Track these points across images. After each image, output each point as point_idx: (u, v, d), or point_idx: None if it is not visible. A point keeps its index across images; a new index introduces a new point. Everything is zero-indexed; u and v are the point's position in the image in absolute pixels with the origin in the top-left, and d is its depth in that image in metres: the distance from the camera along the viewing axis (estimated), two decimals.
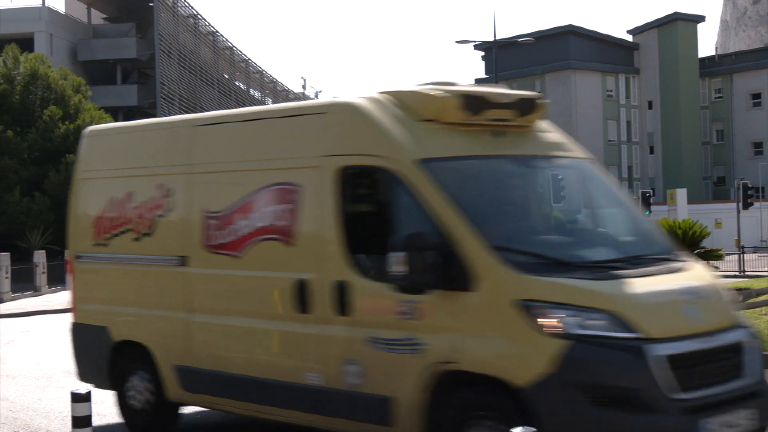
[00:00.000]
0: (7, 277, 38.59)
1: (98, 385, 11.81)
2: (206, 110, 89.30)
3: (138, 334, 11.35)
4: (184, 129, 11.36)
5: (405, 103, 9.34)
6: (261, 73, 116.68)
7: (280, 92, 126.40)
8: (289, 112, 10.55)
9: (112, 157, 12.19)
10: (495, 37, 47.05)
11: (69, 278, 12.48)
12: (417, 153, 8.88)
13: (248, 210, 10.15)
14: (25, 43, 66.39)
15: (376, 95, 9.51)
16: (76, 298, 12.40)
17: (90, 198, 12.33)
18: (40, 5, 74.97)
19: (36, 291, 42.15)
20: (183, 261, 10.80)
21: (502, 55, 47.73)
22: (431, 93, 9.22)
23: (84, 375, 12.25)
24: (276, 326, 9.83)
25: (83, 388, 8.63)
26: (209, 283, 10.63)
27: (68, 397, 8.90)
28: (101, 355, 11.72)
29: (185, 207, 10.92)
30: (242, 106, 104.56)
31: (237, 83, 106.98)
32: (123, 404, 11.61)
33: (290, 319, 9.62)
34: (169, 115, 75.53)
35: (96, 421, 10.41)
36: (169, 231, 11.07)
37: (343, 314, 9.10)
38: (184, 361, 10.78)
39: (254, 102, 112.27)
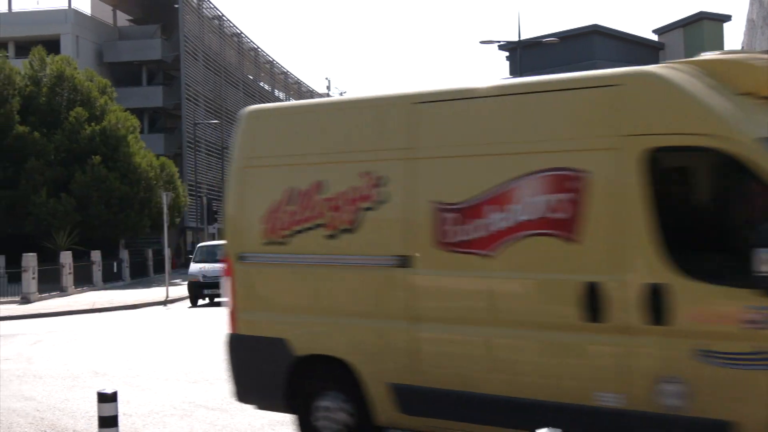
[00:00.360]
0: (33, 278, 38.78)
1: (267, 407, 10.34)
2: (231, 112, 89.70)
3: (334, 348, 9.47)
4: (399, 107, 9.46)
5: (718, 73, 7.97)
6: (285, 74, 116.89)
7: (304, 93, 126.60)
8: (566, 85, 8.56)
9: (290, 140, 10.19)
10: (519, 37, 46.94)
11: (225, 282, 10.38)
12: (756, 131, 7.51)
13: (504, 201, 8.47)
14: (52, 45, 66.79)
15: (674, 65, 8.21)
16: (237, 306, 10.23)
17: (258, 189, 10.24)
18: (66, 7, 75.36)
19: (62, 291, 42.35)
20: (404, 261, 9.02)
21: (526, 55, 47.56)
22: (754, 62, 8.00)
23: (247, 395, 10.33)
24: (549, 337, 8.24)
25: (109, 388, 8.64)
26: (444, 288, 8.95)
27: (95, 397, 8.90)
28: (276, 371, 9.84)
29: (406, 198, 9.10)
30: None
31: (262, 84, 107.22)
32: (308, 429, 9.86)
33: (572, 329, 8.06)
34: (194, 117, 75.86)
35: (122, 421, 10.44)
36: (381, 226, 9.26)
37: (657, 323, 7.62)
38: (404, 379, 9.05)
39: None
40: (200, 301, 35.94)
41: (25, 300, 37.92)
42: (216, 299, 35.72)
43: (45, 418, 12.63)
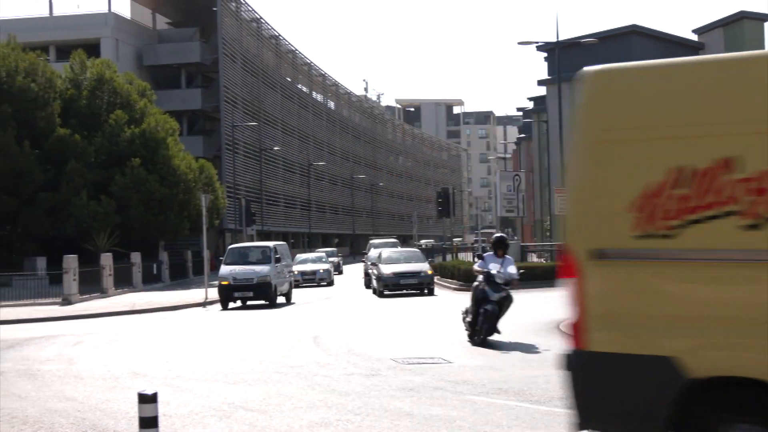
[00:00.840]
0: (74, 280, 39.10)
1: None
2: (269, 114, 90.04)
3: (755, 368, 7.37)
4: None
5: None
6: (323, 76, 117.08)
7: (342, 95, 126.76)
8: None
9: (669, 107, 8.02)
10: (558, 38, 46.79)
11: (569, 286, 8.21)
12: None
13: None
14: (92, 49, 67.39)
15: None
16: (590, 315, 8.12)
17: (624, 169, 8.10)
18: (107, 11, 76.01)
19: (103, 293, 42.67)
20: None
21: (565, 56, 47.32)
22: None
23: (602, 423, 8.24)
24: None
25: (149, 389, 8.67)
26: None
27: (135, 398, 8.94)
28: (656, 397, 7.84)
29: None
30: (305, 110, 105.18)
31: (299, 86, 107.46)
32: None
33: None
34: (232, 119, 76.18)
35: (162, 422, 10.47)
36: None
37: None
38: None
39: (316, 105, 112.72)
40: (231, 304, 35.89)
41: (66, 301, 38.24)
42: (248, 302, 35.85)
43: (86, 419, 12.71)
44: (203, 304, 37.49)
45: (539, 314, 24.85)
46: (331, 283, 52.96)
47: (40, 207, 53.27)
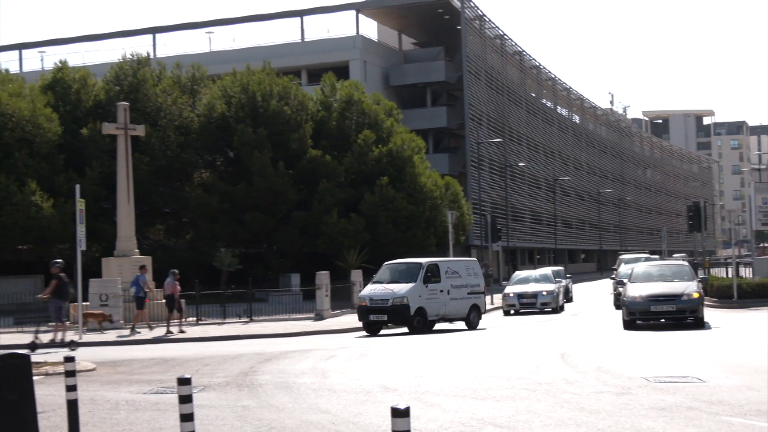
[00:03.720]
0: (326, 295, 40.26)
1: None
2: (514, 130, 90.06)
3: None
4: None
5: None
6: (568, 90, 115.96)
7: (587, 109, 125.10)
8: None
9: None
10: None
11: None
12: None
13: None
14: (341, 71, 69.55)
15: None
16: None
17: None
18: (355, 34, 78.18)
19: (353, 309, 43.65)
20: None
21: None
22: None
23: None
24: None
25: (401, 403, 8.81)
26: None
27: (387, 412, 9.10)
28: None
29: None
30: (550, 125, 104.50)
31: (544, 101, 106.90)
32: None
33: None
34: (477, 136, 76.59)
35: None
36: None
37: None
38: None
39: (561, 120, 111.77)
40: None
41: (319, 316, 39.45)
42: (385, 326, 33.23)
43: (339, 431, 13.04)
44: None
45: None
46: (556, 310, 43.35)
47: (293, 225, 55.29)
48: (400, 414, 7.99)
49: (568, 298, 50.46)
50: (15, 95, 51.25)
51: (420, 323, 31.81)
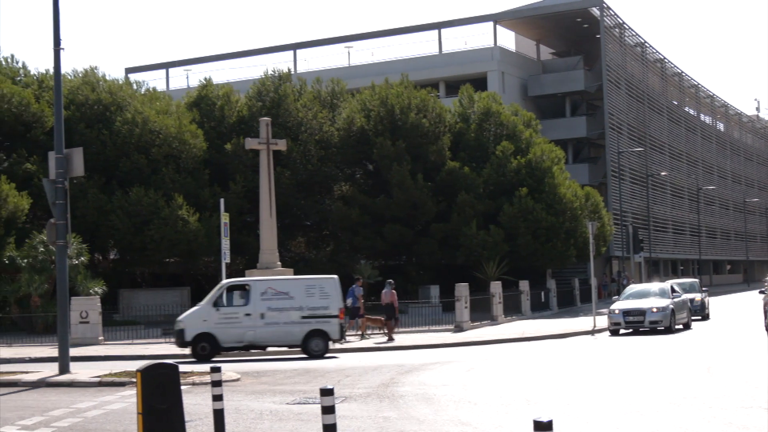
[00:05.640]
0: (466, 307, 40.24)
1: None
2: (655, 139, 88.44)
3: None
4: None
5: None
6: (711, 97, 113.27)
7: (732, 116, 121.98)
8: None
9: None
10: None
11: None
12: None
13: None
14: (479, 83, 69.51)
15: None
16: None
17: None
18: (492, 45, 78.05)
19: (493, 320, 43.60)
20: None
21: None
22: None
23: None
24: None
25: (543, 416, 8.77)
26: None
27: (528, 425, 9.07)
28: None
29: None
30: (693, 133, 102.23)
31: (687, 109, 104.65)
32: None
33: None
34: (617, 146, 75.47)
35: None
36: None
37: None
38: None
39: (705, 128, 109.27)
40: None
41: (458, 328, 39.44)
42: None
43: None
44: (592, 333, 37.31)
45: None
46: (669, 329, 36.08)
47: (432, 237, 55.45)
48: (543, 427, 7.95)
49: (704, 315, 44.78)
50: (162, 113, 52.88)
51: (205, 350, 29.18)
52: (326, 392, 11.05)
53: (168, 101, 56.20)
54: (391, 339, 35.04)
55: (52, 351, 29.00)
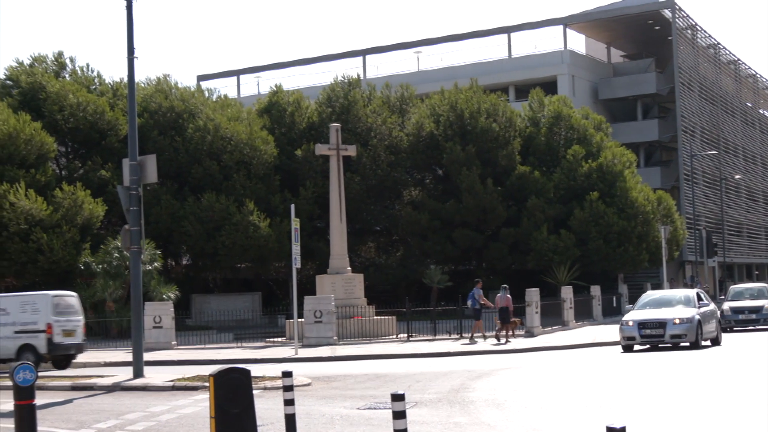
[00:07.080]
0: (536, 312, 40.01)
1: None
2: (729, 142, 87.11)
3: None
4: None
5: None
6: None
7: None
8: None
9: None
10: None
11: None
12: None
13: None
14: (549, 86, 69.11)
15: None
16: None
17: None
18: (562, 49, 77.55)
19: (564, 326, 43.26)
20: None
21: None
22: None
23: None
24: None
25: (617, 423, 8.68)
26: None
27: (602, 430, 8.97)
28: None
29: None
30: (767, 135, 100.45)
31: (761, 111, 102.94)
32: None
33: None
34: (690, 149, 74.51)
35: None
36: None
37: None
38: None
39: None
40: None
41: (529, 333, 39.21)
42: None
43: None
44: None
45: None
46: (696, 345, 30.08)
47: (503, 242, 55.24)
48: None
49: None
50: (233, 119, 53.44)
51: None
52: (397, 397, 11.09)
53: (239, 108, 56.79)
54: (508, 341, 36.01)
55: (127, 355, 29.43)
